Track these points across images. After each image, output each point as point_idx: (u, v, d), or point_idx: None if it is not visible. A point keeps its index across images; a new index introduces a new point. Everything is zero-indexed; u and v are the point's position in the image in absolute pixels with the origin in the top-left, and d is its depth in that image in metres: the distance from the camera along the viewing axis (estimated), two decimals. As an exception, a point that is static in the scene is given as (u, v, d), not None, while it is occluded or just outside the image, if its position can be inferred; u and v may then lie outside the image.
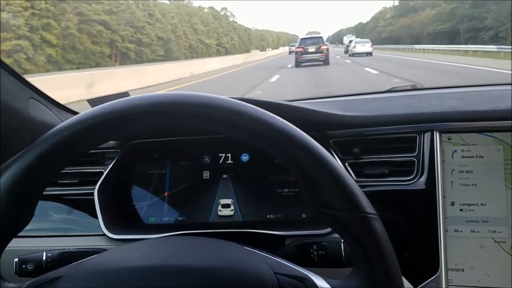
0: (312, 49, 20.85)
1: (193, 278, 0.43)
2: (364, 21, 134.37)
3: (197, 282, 0.43)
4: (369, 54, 31.51)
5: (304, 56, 20.90)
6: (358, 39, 37.70)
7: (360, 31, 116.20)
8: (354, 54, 31.83)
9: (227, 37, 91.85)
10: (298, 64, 20.90)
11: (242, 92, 10.00)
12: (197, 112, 0.44)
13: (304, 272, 0.46)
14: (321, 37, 22.58)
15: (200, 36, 74.05)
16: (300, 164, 0.43)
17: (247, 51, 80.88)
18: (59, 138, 0.44)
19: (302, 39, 22.25)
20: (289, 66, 22.01)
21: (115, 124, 0.45)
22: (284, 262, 0.48)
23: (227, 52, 78.77)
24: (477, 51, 24.18)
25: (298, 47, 21.45)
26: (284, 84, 12.72)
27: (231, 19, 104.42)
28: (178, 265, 0.45)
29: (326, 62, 20.88)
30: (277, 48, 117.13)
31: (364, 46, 32.67)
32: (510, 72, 10.32)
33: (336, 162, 0.44)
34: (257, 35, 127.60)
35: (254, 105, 0.45)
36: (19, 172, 0.44)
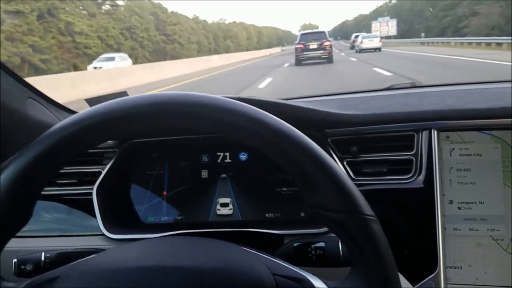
0: (314, 45, 19.17)
1: (191, 279, 0.43)
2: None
3: (195, 283, 0.43)
4: (377, 49, 29.18)
5: (305, 53, 19.38)
6: (366, 34, 34.57)
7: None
8: (361, 50, 29.33)
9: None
10: (298, 62, 19.43)
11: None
12: (194, 112, 0.44)
13: (302, 273, 0.46)
14: (323, 32, 20.77)
15: None
16: (297, 165, 0.43)
17: (171, 58, 43.42)
18: (56, 138, 0.44)
19: (302, 34, 20.74)
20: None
21: (113, 124, 0.45)
22: (282, 263, 0.48)
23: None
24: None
25: (298, 43, 19.85)
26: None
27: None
28: (176, 265, 0.45)
29: (329, 60, 19.09)
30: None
31: (372, 41, 30.19)
32: None
33: (334, 162, 0.44)
34: (213, 29, 75.39)
35: (250, 104, 0.45)
36: (17, 172, 0.44)
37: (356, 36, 35.56)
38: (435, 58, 17.55)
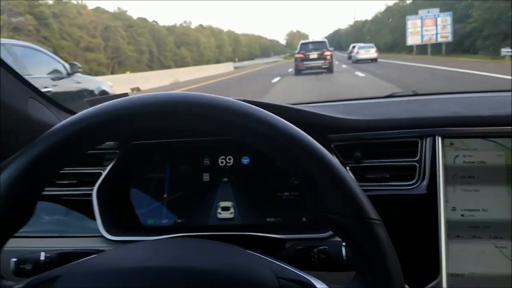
0: (314, 55, 18.91)
1: (194, 280, 0.43)
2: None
3: (198, 285, 0.42)
4: (374, 60, 28.01)
5: (305, 63, 19.06)
6: (362, 44, 32.50)
7: None
8: (357, 61, 28.35)
9: None
10: (298, 72, 18.97)
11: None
12: (201, 113, 0.44)
13: (306, 277, 0.46)
14: (324, 42, 20.59)
15: None
16: (303, 168, 0.43)
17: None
18: (57, 138, 0.44)
19: (302, 44, 20.56)
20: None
21: (114, 124, 0.45)
22: (286, 266, 0.48)
23: None
24: None
25: (298, 53, 19.56)
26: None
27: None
28: (179, 266, 0.44)
29: (330, 69, 18.64)
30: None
31: (368, 51, 29.09)
32: None
33: (341, 166, 0.43)
34: (151, 31, 51.33)
35: (258, 106, 0.45)
36: (18, 171, 0.43)
37: (354, 47, 32.92)
38: None
